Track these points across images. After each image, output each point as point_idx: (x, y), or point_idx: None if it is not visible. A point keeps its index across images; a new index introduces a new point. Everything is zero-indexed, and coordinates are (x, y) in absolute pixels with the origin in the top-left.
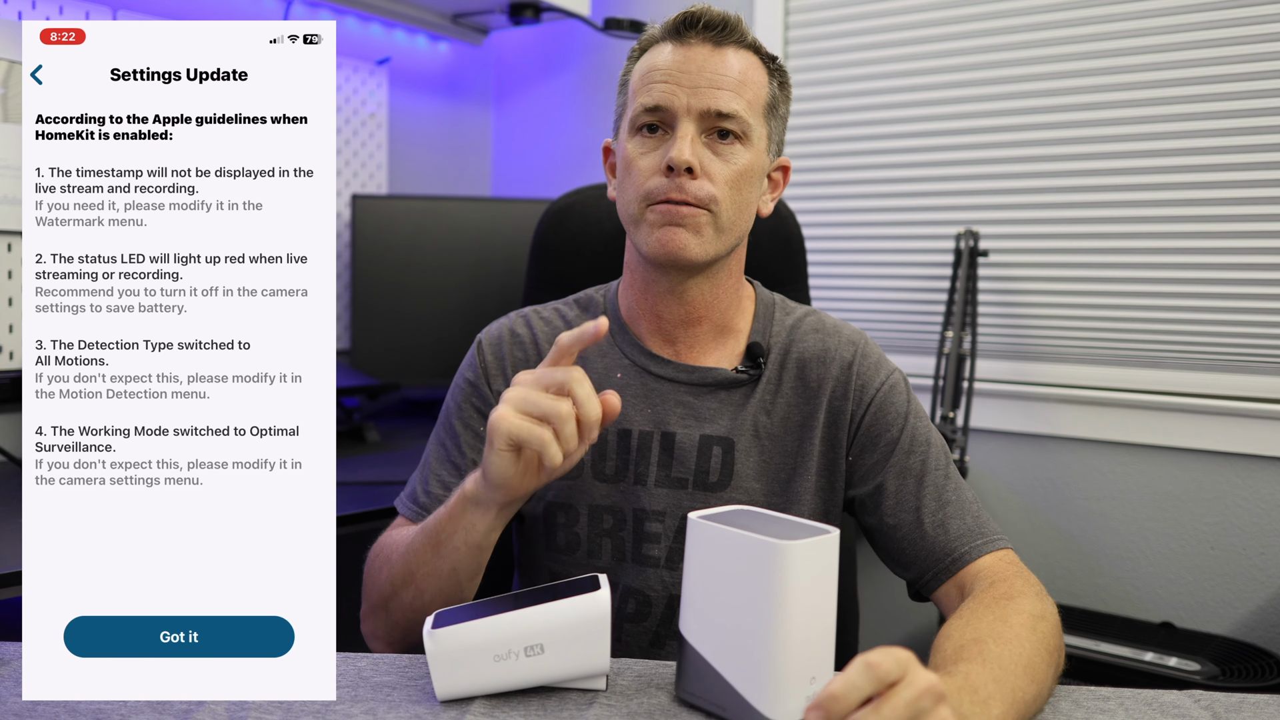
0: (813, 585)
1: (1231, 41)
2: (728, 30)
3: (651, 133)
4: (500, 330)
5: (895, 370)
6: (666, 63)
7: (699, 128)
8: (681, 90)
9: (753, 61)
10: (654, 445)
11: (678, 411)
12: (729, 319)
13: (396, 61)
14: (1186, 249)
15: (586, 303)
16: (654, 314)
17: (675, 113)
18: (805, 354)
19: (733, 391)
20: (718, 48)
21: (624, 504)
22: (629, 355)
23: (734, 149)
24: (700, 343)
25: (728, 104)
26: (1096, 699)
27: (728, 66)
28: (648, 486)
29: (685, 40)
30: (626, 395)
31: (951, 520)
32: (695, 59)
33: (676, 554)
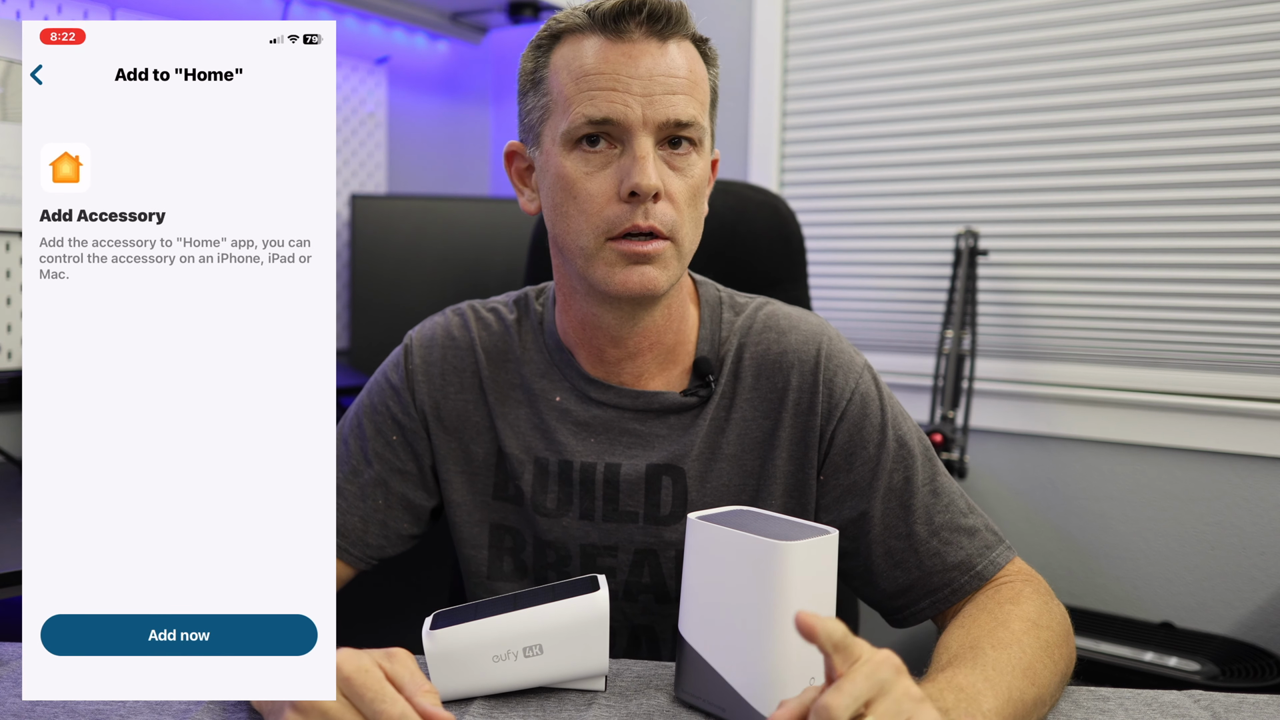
0: (812, 585)
1: (1231, 41)
2: (671, 21)
3: (593, 145)
4: (434, 331)
5: (864, 368)
6: (605, 63)
7: (654, 140)
8: (634, 99)
9: (695, 53)
10: (597, 478)
11: (623, 440)
12: (677, 338)
13: (395, 61)
14: (1187, 249)
15: (525, 308)
16: (594, 345)
17: (629, 126)
18: (761, 357)
19: (682, 415)
20: (664, 43)
21: (567, 540)
22: (569, 379)
23: (689, 159)
24: (646, 369)
25: (686, 111)
26: (1096, 699)
27: (678, 65)
28: (595, 522)
29: (625, 34)
30: (566, 423)
31: (946, 548)
32: (643, 59)
33: (634, 586)
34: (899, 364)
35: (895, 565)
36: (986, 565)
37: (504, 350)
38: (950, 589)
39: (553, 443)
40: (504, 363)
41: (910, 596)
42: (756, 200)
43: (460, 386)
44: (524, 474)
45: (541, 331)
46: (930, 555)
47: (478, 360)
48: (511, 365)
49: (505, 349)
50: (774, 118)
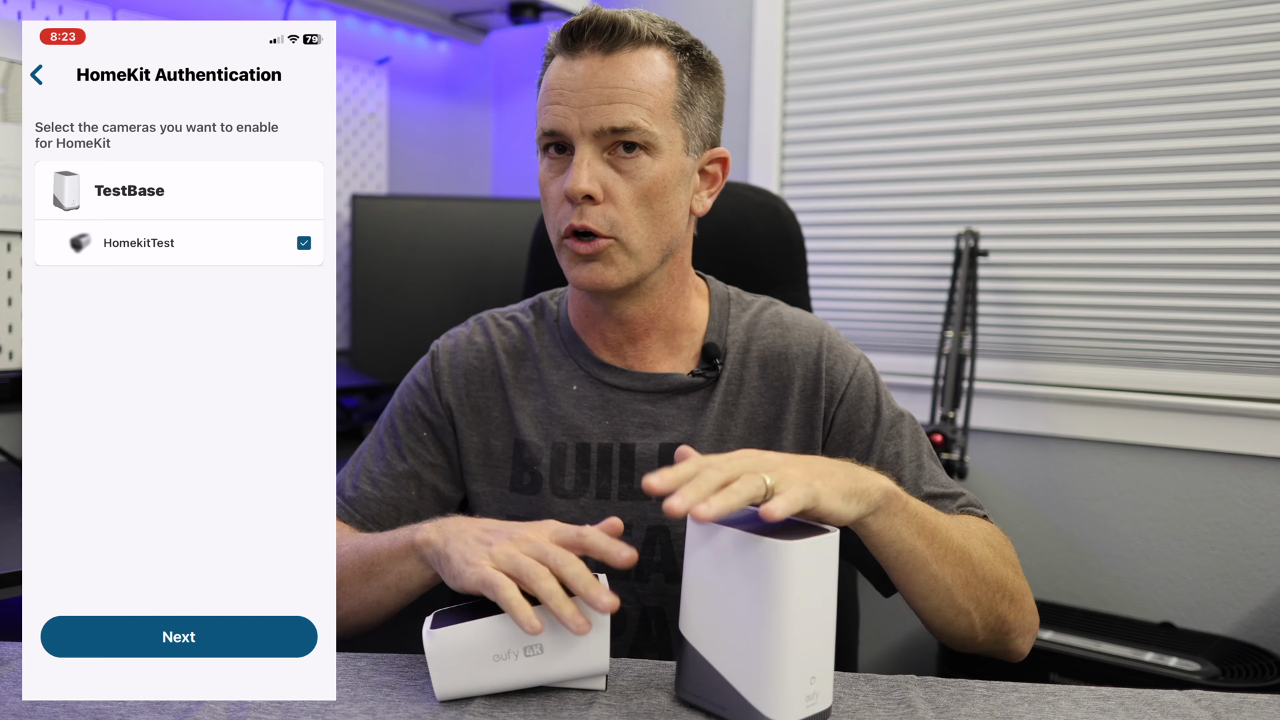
0: (813, 585)
1: (1231, 41)
2: (616, 34)
3: (559, 153)
4: (457, 337)
5: (861, 357)
6: (557, 79)
7: (599, 146)
8: (573, 111)
9: (655, 58)
10: (613, 458)
11: (635, 421)
12: (677, 324)
13: (396, 61)
14: (1186, 249)
15: (541, 310)
16: (598, 330)
17: (569, 135)
18: (767, 351)
19: (691, 396)
20: (608, 55)
21: (584, 520)
22: (583, 366)
23: (640, 162)
24: (651, 352)
25: (623, 118)
26: (1097, 699)
27: (621, 75)
28: (611, 500)
29: (576, 52)
30: (583, 407)
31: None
32: (586, 73)
33: (647, 565)
34: (899, 364)
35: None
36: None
37: (522, 350)
38: None
39: (570, 428)
40: (523, 361)
41: None
42: (756, 201)
43: (482, 384)
44: (542, 459)
45: (557, 326)
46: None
47: (498, 360)
48: (530, 362)
49: (524, 349)
50: (774, 118)
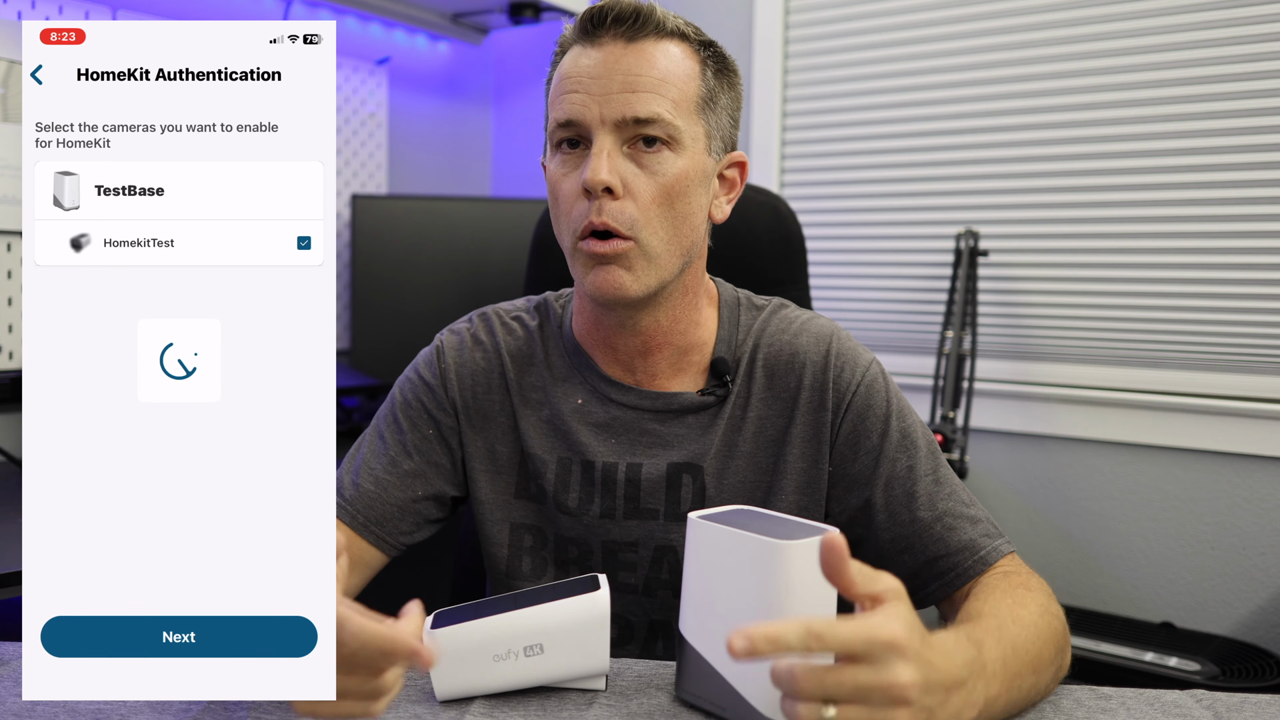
0: (813, 585)
1: (1231, 41)
2: (640, 21)
3: (572, 148)
4: (462, 334)
5: (872, 362)
6: (577, 68)
7: (619, 139)
8: (592, 99)
9: (678, 52)
10: (619, 477)
11: (643, 441)
12: (689, 340)
13: (396, 61)
14: (1186, 249)
15: (545, 312)
16: (608, 345)
17: (589, 125)
18: (774, 357)
19: (700, 414)
20: (631, 43)
21: (589, 538)
22: (589, 382)
23: (661, 157)
24: (660, 368)
25: (647, 108)
26: (1098, 698)
27: (645, 64)
28: (616, 519)
29: (596, 40)
30: (587, 424)
31: (950, 534)
32: (607, 60)
33: (654, 581)
34: (899, 364)
35: (902, 551)
36: (990, 551)
37: (528, 355)
38: (956, 572)
39: (575, 444)
40: (528, 367)
41: (919, 580)
42: (757, 201)
43: (487, 387)
44: (546, 473)
45: (561, 336)
46: (935, 540)
47: (503, 363)
48: (535, 370)
49: (529, 354)
50: (774, 118)
